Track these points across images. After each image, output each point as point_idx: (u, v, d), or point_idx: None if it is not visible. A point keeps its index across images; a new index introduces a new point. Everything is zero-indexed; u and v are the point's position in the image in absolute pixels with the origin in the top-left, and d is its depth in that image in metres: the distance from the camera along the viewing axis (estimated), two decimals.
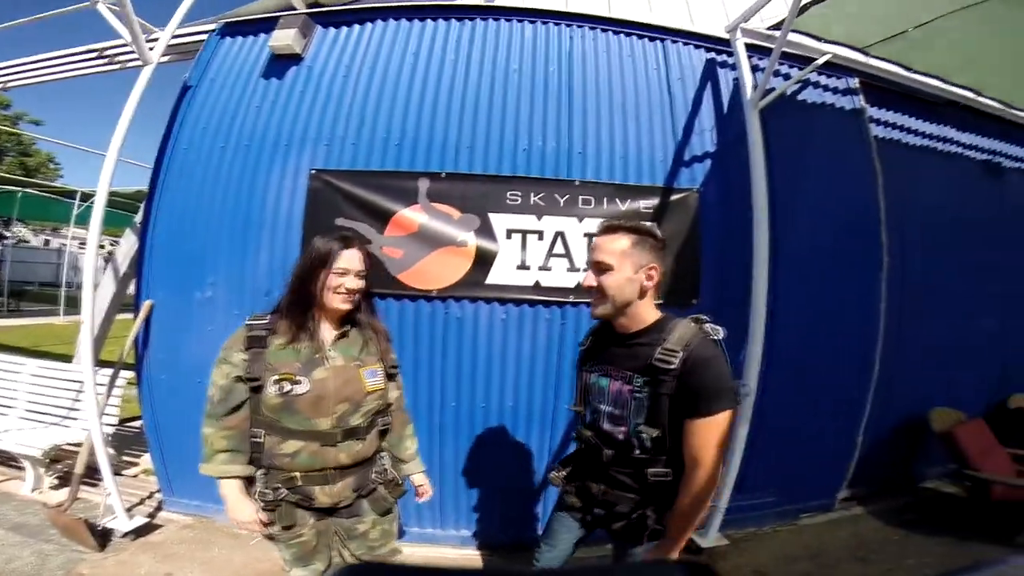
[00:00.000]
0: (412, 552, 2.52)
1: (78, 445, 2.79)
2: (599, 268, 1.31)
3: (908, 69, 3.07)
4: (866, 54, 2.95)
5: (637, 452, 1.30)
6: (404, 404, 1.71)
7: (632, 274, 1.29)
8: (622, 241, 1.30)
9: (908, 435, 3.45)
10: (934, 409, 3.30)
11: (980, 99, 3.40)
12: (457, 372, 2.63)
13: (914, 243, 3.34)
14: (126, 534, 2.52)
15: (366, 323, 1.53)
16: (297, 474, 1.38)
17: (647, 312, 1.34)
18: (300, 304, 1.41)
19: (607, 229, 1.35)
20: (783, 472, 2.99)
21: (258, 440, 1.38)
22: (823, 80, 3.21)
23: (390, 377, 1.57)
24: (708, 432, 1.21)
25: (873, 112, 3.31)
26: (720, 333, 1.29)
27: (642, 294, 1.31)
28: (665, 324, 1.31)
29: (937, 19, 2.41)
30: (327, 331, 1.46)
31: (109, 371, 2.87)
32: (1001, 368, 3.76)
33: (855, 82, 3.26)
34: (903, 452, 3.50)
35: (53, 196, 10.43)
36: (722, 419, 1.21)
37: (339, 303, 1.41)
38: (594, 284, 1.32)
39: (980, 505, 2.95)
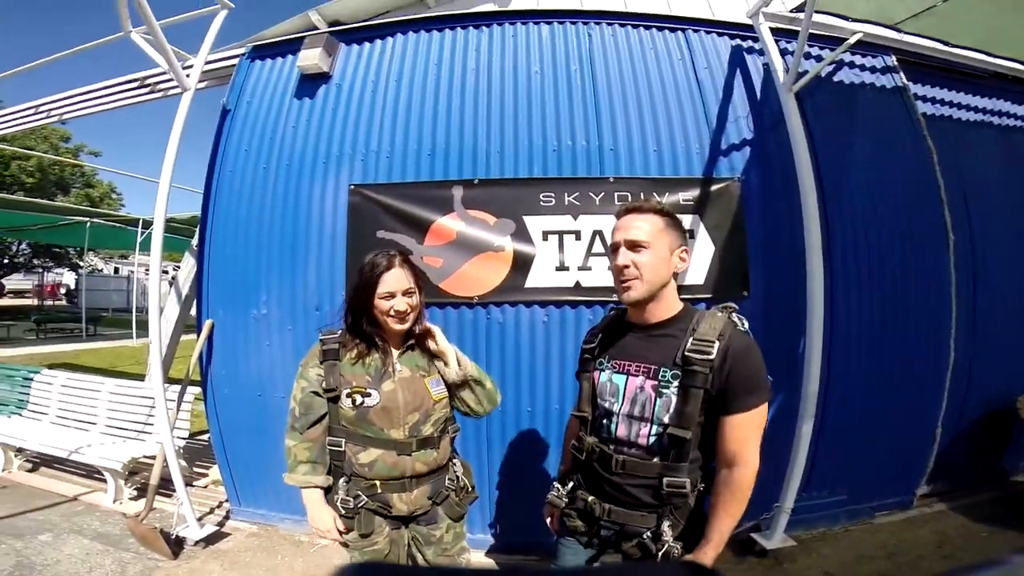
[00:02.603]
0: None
1: (153, 458, 2.98)
2: (633, 247, 1.19)
3: (946, 44, 2.93)
4: (899, 31, 2.82)
5: (656, 459, 1.19)
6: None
7: (667, 254, 1.21)
8: (656, 220, 1.21)
9: (994, 425, 3.19)
10: (1023, 396, 3.04)
11: None
12: (501, 377, 2.63)
13: (981, 219, 3.12)
14: (197, 542, 2.67)
15: (422, 333, 1.54)
16: (377, 482, 1.42)
17: (674, 300, 1.25)
18: (360, 328, 1.45)
19: (634, 209, 1.24)
20: (854, 468, 2.83)
21: (339, 449, 1.44)
22: (858, 60, 3.08)
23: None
24: (750, 426, 1.13)
25: (917, 89, 3.16)
26: (746, 323, 1.20)
27: (672, 278, 1.23)
28: (690, 314, 1.22)
29: None
30: (393, 345, 1.50)
31: (178, 388, 3.07)
32: None
33: (892, 60, 3.12)
34: (989, 443, 3.23)
35: (118, 225, 11.17)
36: (763, 412, 1.14)
37: (393, 324, 1.43)
38: (628, 263, 1.19)
39: None
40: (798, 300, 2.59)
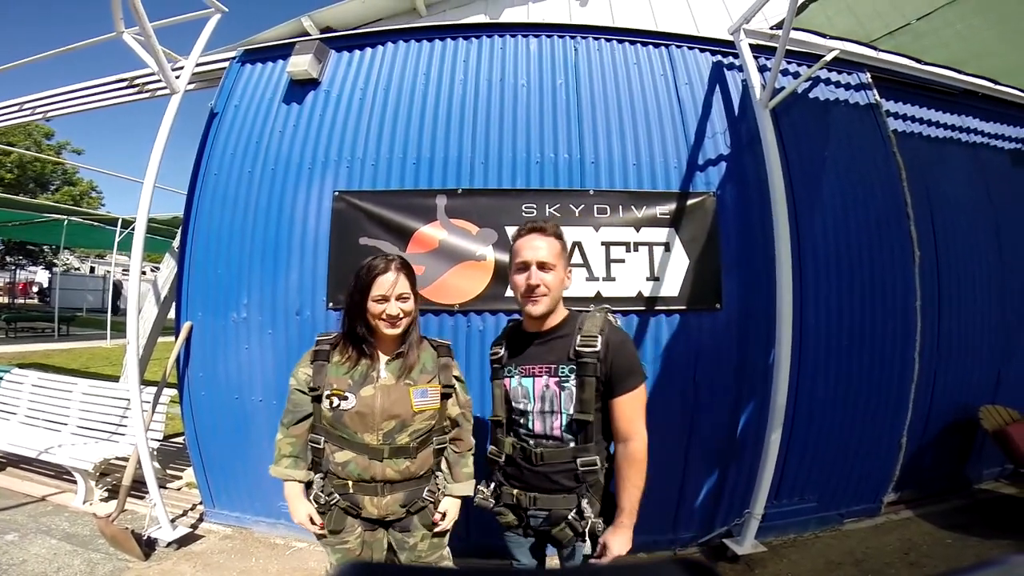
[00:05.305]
0: None
1: (125, 459, 2.94)
2: (543, 267, 1.39)
3: (919, 61, 3.04)
4: (874, 48, 2.92)
5: (572, 444, 1.38)
6: (469, 425, 1.65)
7: (563, 275, 1.44)
8: (555, 243, 1.42)
9: (958, 435, 3.31)
10: (983, 407, 3.17)
11: (999, 87, 3.32)
12: (481, 384, 2.66)
13: (947, 236, 3.24)
14: (169, 544, 2.64)
15: (420, 341, 1.56)
16: (350, 482, 1.46)
17: (561, 308, 1.47)
18: (354, 331, 1.48)
19: (537, 230, 1.43)
20: (823, 476, 2.90)
21: (319, 446, 1.49)
22: (834, 76, 3.18)
23: (446, 396, 1.56)
24: (634, 405, 1.35)
25: (889, 106, 3.26)
26: (620, 320, 1.46)
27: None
28: (575, 318, 1.45)
29: (937, 10, 2.40)
30: (383, 351, 1.52)
31: (154, 389, 3.04)
32: None
33: (867, 77, 3.22)
34: (954, 453, 3.35)
35: (96, 224, 10.95)
36: (642, 392, 1.37)
37: (384, 329, 1.45)
38: (538, 283, 1.38)
39: None
40: (769, 312, 2.67)
